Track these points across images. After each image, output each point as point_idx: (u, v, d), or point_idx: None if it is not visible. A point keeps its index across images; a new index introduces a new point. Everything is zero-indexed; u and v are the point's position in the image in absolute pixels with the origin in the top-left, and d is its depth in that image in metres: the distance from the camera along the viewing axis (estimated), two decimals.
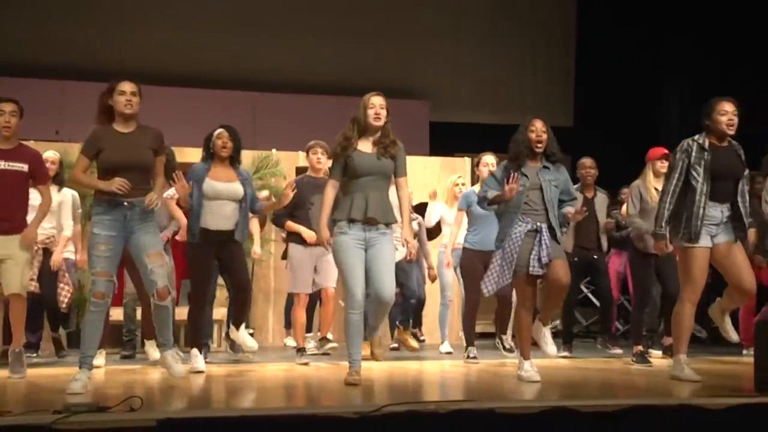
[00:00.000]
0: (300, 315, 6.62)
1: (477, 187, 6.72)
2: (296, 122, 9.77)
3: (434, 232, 8.13)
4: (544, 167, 5.39)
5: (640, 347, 6.53)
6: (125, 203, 4.76)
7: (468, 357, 6.69)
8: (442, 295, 7.66)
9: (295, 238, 6.59)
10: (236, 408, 4.24)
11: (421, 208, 8.05)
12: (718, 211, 5.23)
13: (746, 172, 5.33)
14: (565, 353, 7.12)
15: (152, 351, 6.33)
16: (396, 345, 7.55)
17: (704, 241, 5.20)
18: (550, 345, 5.45)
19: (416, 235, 7.04)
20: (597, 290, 7.68)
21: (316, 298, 7.22)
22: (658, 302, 7.03)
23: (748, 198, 5.33)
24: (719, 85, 9.12)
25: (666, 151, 6.31)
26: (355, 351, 5.11)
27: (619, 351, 7.18)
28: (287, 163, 8.77)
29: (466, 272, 6.85)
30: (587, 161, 7.21)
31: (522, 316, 5.38)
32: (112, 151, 4.80)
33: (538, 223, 5.27)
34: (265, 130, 9.70)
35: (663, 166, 6.52)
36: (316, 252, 6.55)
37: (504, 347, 6.92)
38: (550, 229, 5.29)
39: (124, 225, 4.79)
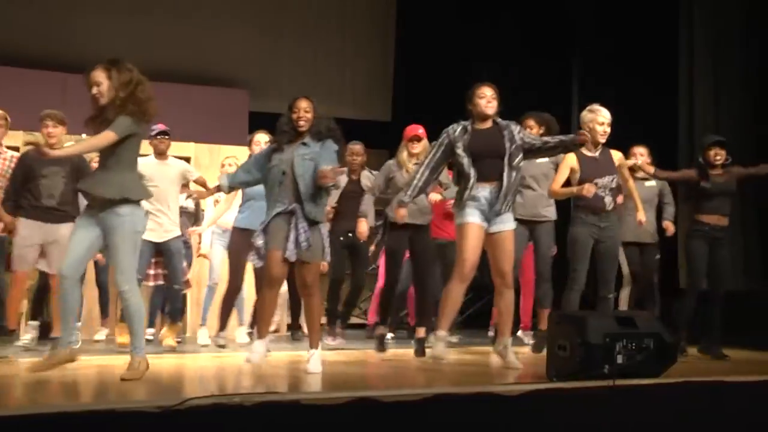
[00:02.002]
0: (15, 295, 6.24)
1: None
2: None
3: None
4: (303, 143, 5.24)
5: (382, 330, 6.38)
6: None
7: (217, 345, 6.41)
8: (210, 278, 7.40)
9: (24, 212, 6.25)
10: (20, 407, 3.93)
11: None
12: (486, 192, 5.36)
13: (512, 148, 5.36)
14: (329, 340, 6.97)
15: None
16: (151, 337, 7.20)
17: (474, 218, 5.31)
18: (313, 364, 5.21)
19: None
20: (352, 275, 7.51)
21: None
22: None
23: (513, 177, 5.36)
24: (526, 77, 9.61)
25: (416, 133, 6.35)
26: (64, 329, 4.78)
27: (333, 342, 6.95)
28: None
29: (231, 254, 6.63)
30: (356, 147, 7.20)
31: (266, 296, 5.23)
32: None
33: (293, 204, 5.13)
34: (75, 113, 9.22)
35: (413, 146, 6.38)
36: (45, 231, 6.25)
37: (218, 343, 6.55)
38: (307, 220, 5.12)
39: None
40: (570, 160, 6.06)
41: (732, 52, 8.73)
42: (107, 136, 4.59)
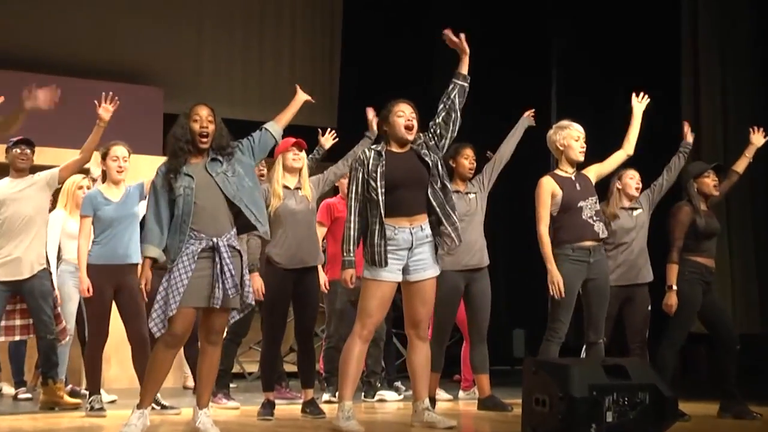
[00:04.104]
0: None
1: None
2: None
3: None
4: (213, 159, 4.48)
5: (270, 395, 5.46)
6: None
7: (92, 408, 5.41)
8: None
9: None
10: None
11: None
12: (406, 233, 4.62)
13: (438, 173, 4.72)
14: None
15: None
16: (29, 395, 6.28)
17: (389, 275, 4.63)
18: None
19: None
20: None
21: None
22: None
23: (446, 206, 4.66)
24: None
25: (298, 140, 5.52)
26: None
27: (235, 404, 6.03)
28: None
29: (91, 297, 5.58)
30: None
31: (162, 358, 4.41)
32: None
33: (214, 239, 4.36)
34: None
35: (296, 158, 5.52)
36: None
37: (92, 407, 5.48)
38: (231, 248, 4.41)
39: None
40: (547, 185, 5.24)
41: (741, 49, 8.17)
42: None
